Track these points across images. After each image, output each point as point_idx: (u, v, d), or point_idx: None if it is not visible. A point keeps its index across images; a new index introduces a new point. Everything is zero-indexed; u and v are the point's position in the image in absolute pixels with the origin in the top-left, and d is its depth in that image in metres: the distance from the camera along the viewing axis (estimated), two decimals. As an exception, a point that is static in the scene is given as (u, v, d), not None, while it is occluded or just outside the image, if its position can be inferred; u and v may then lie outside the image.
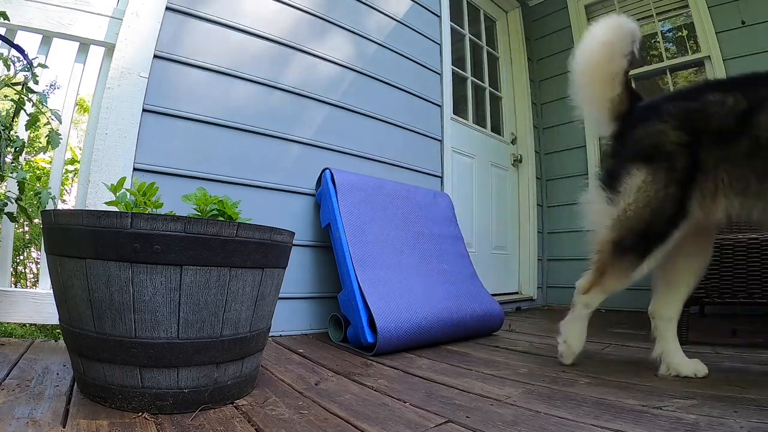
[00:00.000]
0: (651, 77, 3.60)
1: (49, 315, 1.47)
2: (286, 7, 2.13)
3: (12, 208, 1.35)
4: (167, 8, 1.75)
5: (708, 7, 3.02)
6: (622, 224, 1.30)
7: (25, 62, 1.28)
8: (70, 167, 3.32)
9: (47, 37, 1.59)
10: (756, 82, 1.24)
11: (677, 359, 1.36)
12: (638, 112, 1.40)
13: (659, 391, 1.18)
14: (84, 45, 1.66)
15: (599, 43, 1.44)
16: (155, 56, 1.70)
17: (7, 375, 1.10)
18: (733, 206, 1.22)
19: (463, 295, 2.06)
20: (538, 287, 3.62)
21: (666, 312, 1.42)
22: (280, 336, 1.88)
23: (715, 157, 1.21)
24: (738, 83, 1.29)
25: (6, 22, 1.33)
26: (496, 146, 3.55)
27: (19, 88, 1.26)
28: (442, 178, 2.76)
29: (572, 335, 1.46)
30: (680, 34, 3.40)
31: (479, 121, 3.47)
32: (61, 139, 1.40)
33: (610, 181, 1.35)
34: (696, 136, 1.24)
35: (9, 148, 1.24)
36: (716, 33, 2.99)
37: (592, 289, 1.39)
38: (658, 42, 3.53)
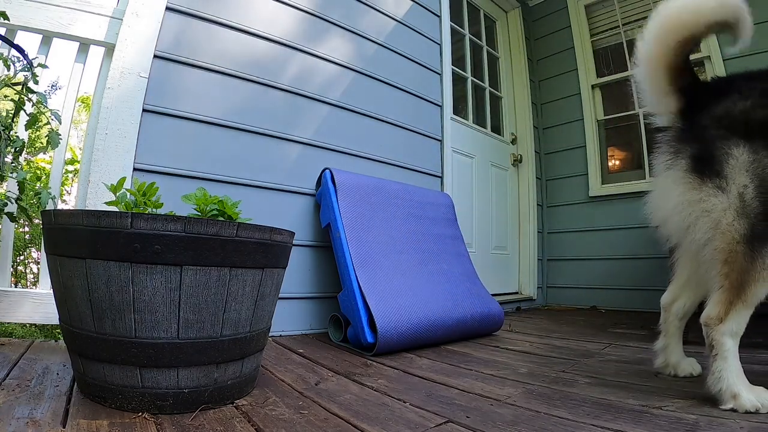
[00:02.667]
0: (651, 77, 3.60)
1: (49, 315, 1.47)
2: (287, 7, 2.13)
3: (12, 208, 1.35)
4: (167, 8, 1.75)
5: (708, 7, 3.02)
6: (747, 211, 1.06)
7: (25, 62, 1.28)
8: (70, 167, 3.32)
9: (47, 37, 1.59)
10: None
11: (676, 358, 1.34)
12: (712, 87, 1.26)
13: (659, 391, 1.18)
14: (84, 45, 1.66)
15: (677, 8, 1.22)
16: (155, 56, 1.70)
17: (7, 375, 1.10)
18: None
19: (463, 295, 2.06)
20: (538, 287, 3.62)
21: (681, 310, 1.34)
22: (280, 336, 1.88)
23: None
24: None
25: (6, 22, 1.33)
26: (496, 146, 3.55)
27: (19, 88, 1.26)
28: (442, 178, 2.76)
29: (741, 381, 1.06)
30: (680, 34, 3.39)
31: (479, 121, 3.48)
32: (61, 139, 1.40)
33: (707, 166, 1.11)
34: None
35: (9, 148, 1.24)
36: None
37: (733, 311, 1.08)
38: (658, 42, 3.52)
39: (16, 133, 1.31)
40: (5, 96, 1.34)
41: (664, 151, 1.24)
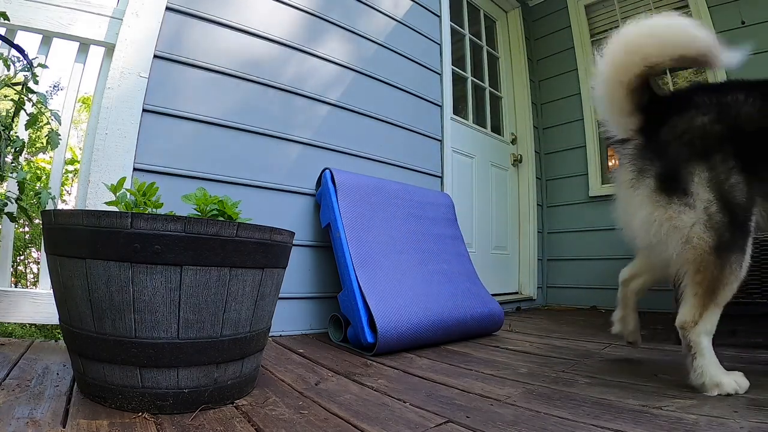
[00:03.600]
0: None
1: (49, 315, 1.47)
2: (287, 7, 2.13)
3: (12, 208, 1.35)
4: (167, 8, 1.75)
5: (708, 7, 3.02)
6: (713, 225, 1.16)
7: (25, 62, 1.28)
8: (70, 167, 3.32)
9: (47, 37, 1.59)
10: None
11: (632, 327, 1.59)
12: (667, 106, 1.32)
13: (659, 391, 1.18)
14: (84, 45, 1.66)
15: (641, 37, 1.27)
16: (155, 56, 1.70)
17: (7, 375, 1.10)
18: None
19: (463, 295, 2.06)
20: (538, 287, 3.62)
21: (637, 287, 1.54)
22: (280, 336, 1.88)
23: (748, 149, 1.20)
24: (754, 85, 1.29)
25: (6, 22, 1.33)
26: (496, 146, 3.55)
27: (19, 88, 1.26)
28: (442, 178, 2.76)
29: (720, 371, 1.18)
30: (680, 34, 3.39)
31: (479, 121, 3.48)
32: (61, 139, 1.40)
33: (674, 185, 1.20)
34: (731, 128, 1.21)
35: (9, 148, 1.24)
36: (716, 33, 2.98)
37: (706, 313, 1.18)
38: (658, 42, 3.52)
39: (16, 133, 1.31)
40: (5, 96, 1.34)
41: (627, 168, 1.30)
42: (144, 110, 1.66)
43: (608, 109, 1.32)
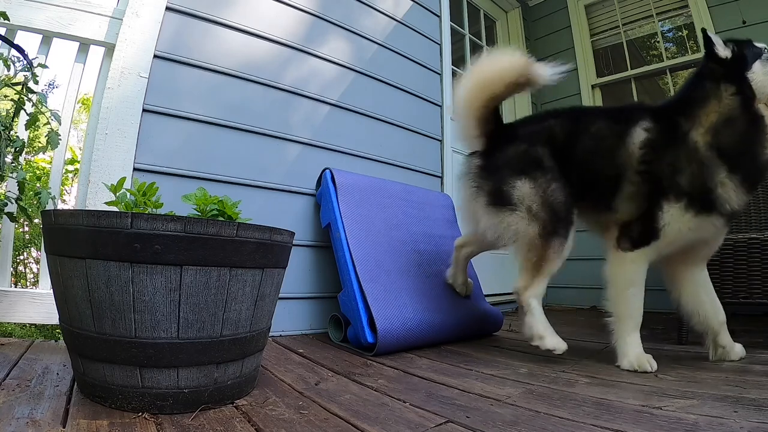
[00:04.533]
0: (651, 77, 3.60)
1: (49, 315, 1.47)
2: (287, 7, 2.13)
3: (12, 208, 1.35)
4: (167, 8, 1.75)
5: (708, 7, 3.02)
6: (537, 218, 1.53)
7: (25, 62, 1.28)
8: (70, 167, 3.32)
9: (47, 37, 1.60)
10: (577, 113, 1.74)
11: (461, 280, 2.03)
12: (501, 135, 1.69)
13: (659, 391, 1.18)
14: (84, 45, 1.66)
15: (482, 73, 1.67)
16: (155, 56, 1.70)
17: (7, 375, 1.10)
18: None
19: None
20: (538, 287, 3.61)
21: (467, 253, 2.00)
22: (280, 336, 1.88)
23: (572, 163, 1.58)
24: (565, 114, 1.71)
25: (6, 22, 1.33)
26: (496, 146, 3.54)
27: (19, 88, 1.26)
28: (442, 178, 2.76)
29: (547, 330, 1.55)
30: (680, 34, 3.40)
31: (479, 121, 3.47)
32: (61, 139, 1.40)
33: (503, 197, 1.58)
34: (547, 148, 1.60)
35: (9, 148, 1.24)
36: (716, 33, 2.98)
37: (536, 280, 1.55)
38: (658, 42, 3.53)
39: (16, 133, 1.31)
40: (5, 96, 1.34)
41: (470, 184, 1.70)
42: (144, 110, 1.66)
43: (462, 130, 1.73)
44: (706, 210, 1.40)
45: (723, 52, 1.43)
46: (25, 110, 1.28)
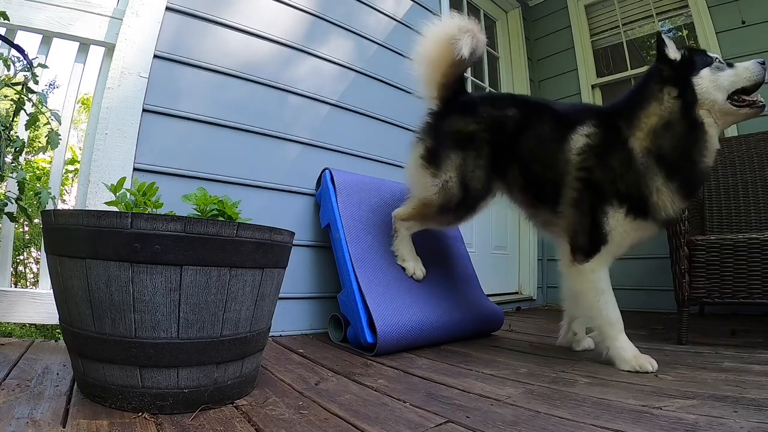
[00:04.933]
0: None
1: (49, 315, 1.47)
2: (287, 7, 2.13)
3: (12, 208, 1.35)
4: (167, 8, 1.74)
5: (708, 7, 3.02)
6: (446, 193, 1.69)
7: (25, 62, 1.27)
8: (70, 167, 3.32)
9: (47, 37, 1.59)
10: (535, 106, 1.74)
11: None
12: (458, 104, 1.76)
13: (659, 391, 1.18)
14: (84, 45, 1.66)
15: (441, 35, 1.70)
16: (155, 56, 1.70)
17: (7, 375, 1.10)
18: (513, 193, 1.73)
19: (463, 295, 2.06)
20: (538, 287, 3.62)
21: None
22: (280, 336, 1.88)
23: (506, 151, 1.67)
24: (529, 104, 1.76)
25: (6, 22, 1.32)
26: (496, 146, 3.54)
27: (19, 88, 1.26)
28: (442, 178, 2.76)
29: (410, 254, 1.86)
30: (680, 34, 3.40)
31: (479, 121, 3.47)
32: (61, 139, 1.40)
33: (433, 159, 1.71)
34: (495, 136, 1.67)
35: (9, 148, 1.24)
36: (716, 33, 2.99)
37: (413, 221, 1.83)
38: (658, 42, 3.52)
39: (16, 133, 1.31)
40: (5, 96, 1.34)
41: (417, 134, 1.84)
42: (144, 110, 1.65)
43: (423, 87, 1.82)
44: (643, 216, 1.43)
45: (673, 54, 1.45)
46: (25, 110, 1.28)
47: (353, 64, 2.36)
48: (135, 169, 1.61)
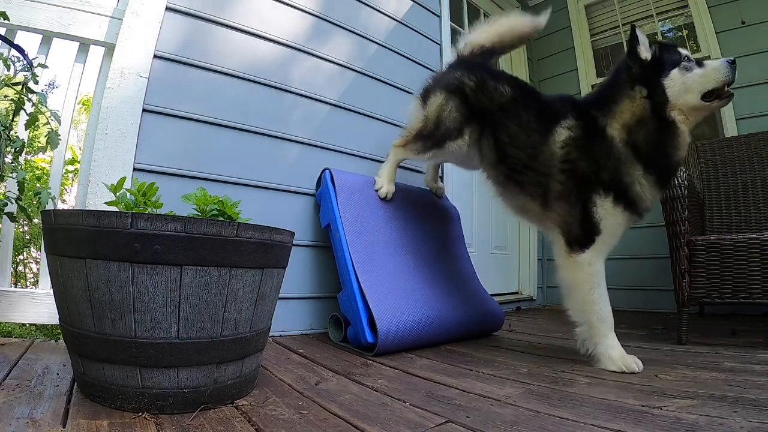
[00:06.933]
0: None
1: (49, 315, 1.47)
2: (288, 8, 2.13)
3: (12, 208, 1.35)
4: (167, 8, 1.74)
5: (708, 7, 3.02)
6: (424, 123, 1.91)
7: (25, 62, 1.27)
8: (70, 167, 3.33)
9: (47, 37, 1.59)
10: (530, 91, 1.82)
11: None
12: (468, 64, 1.94)
13: (659, 391, 1.18)
14: (84, 45, 1.66)
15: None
16: (155, 56, 1.70)
17: (7, 375, 1.10)
18: (485, 154, 1.81)
19: (463, 295, 2.06)
20: (538, 287, 3.62)
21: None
22: (280, 336, 1.88)
23: (488, 119, 1.77)
24: (522, 87, 1.82)
25: (6, 22, 1.32)
26: (496, 146, 3.54)
27: (19, 88, 1.26)
28: (442, 177, 2.76)
29: (387, 176, 2.05)
30: (680, 34, 3.40)
31: (479, 121, 3.47)
32: (61, 139, 1.40)
33: (425, 97, 1.95)
34: (481, 96, 1.80)
35: (9, 148, 1.24)
36: (716, 33, 2.99)
37: (400, 148, 2.02)
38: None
39: (16, 133, 1.31)
40: (5, 96, 1.34)
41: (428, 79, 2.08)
42: (144, 110, 1.65)
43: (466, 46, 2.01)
44: (629, 205, 1.46)
45: (644, 53, 1.46)
46: (25, 110, 1.28)
47: (353, 64, 2.36)
48: (135, 169, 1.61)
